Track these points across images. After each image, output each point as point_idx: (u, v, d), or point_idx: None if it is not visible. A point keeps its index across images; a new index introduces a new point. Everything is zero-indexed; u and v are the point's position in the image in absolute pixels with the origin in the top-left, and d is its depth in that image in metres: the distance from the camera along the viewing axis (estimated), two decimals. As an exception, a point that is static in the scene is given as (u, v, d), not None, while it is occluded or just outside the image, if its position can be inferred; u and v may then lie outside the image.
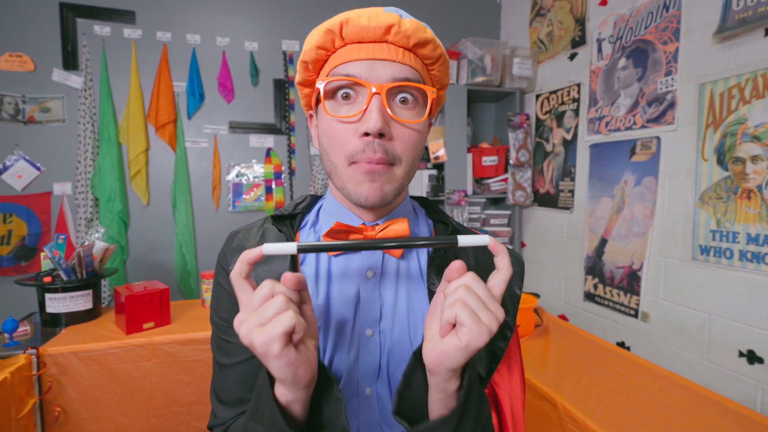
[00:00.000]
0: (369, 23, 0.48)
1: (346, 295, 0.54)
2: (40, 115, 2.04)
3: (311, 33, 0.52)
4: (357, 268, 0.55)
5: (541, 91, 2.26)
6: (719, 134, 1.41)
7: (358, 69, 0.48)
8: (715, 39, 1.41)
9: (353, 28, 0.49)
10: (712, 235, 1.43)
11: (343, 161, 0.50)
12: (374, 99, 0.47)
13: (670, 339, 1.57)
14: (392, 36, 0.49)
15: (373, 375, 0.53)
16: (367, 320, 0.54)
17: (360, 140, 0.48)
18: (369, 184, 0.49)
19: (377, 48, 0.49)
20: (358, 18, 0.48)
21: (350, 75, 0.48)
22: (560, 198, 2.13)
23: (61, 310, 1.48)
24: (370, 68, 0.48)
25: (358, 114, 0.48)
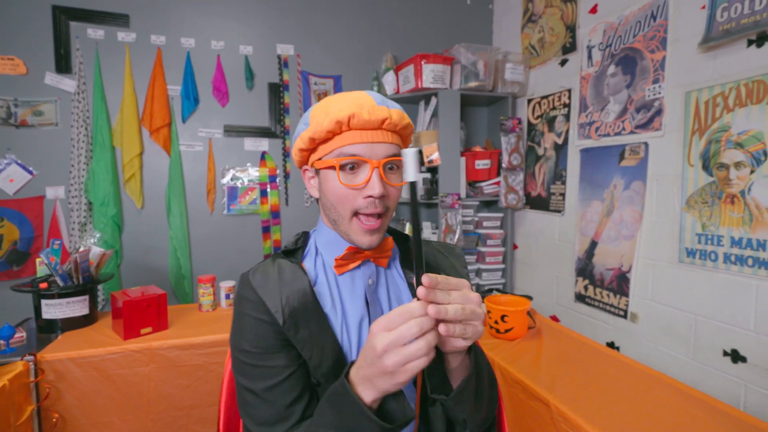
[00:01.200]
0: (370, 117, 0.64)
1: (358, 302, 0.70)
2: (33, 119, 2.03)
3: (318, 117, 0.66)
4: (360, 279, 0.72)
5: (532, 96, 2.31)
6: (704, 141, 1.45)
7: (361, 149, 0.65)
8: (700, 49, 1.46)
9: (358, 120, 0.64)
10: (697, 239, 1.48)
11: (348, 213, 0.67)
12: (375, 171, 0.65)
13: (658, 339, 1.62)
14: (385, 125, 0.66)
15: None
16: (377, 317, 0.64)
17: (364, 200, 0.66)
18: (369, 237, 0.68)
19: (375, 134, 0.66)
20: (360, 113, 0.64)
21: (356, 154, 0.65)
22: (551, 201, 2.17)
23: (57, 316, 1.48)
24: (370, 149, 0.66)
25: (363, 183, 0.66)
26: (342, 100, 0.66)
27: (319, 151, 0.69)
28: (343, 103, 0.65)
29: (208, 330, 1.53)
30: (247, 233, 2.36)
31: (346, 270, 0.71)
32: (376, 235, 0.69)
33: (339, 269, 0.71)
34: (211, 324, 1.60)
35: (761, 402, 1.28)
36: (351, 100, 0.65)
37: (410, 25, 2.55)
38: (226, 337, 1.49)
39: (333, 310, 0.69)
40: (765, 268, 1.29)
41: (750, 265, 1.32)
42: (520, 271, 2.43)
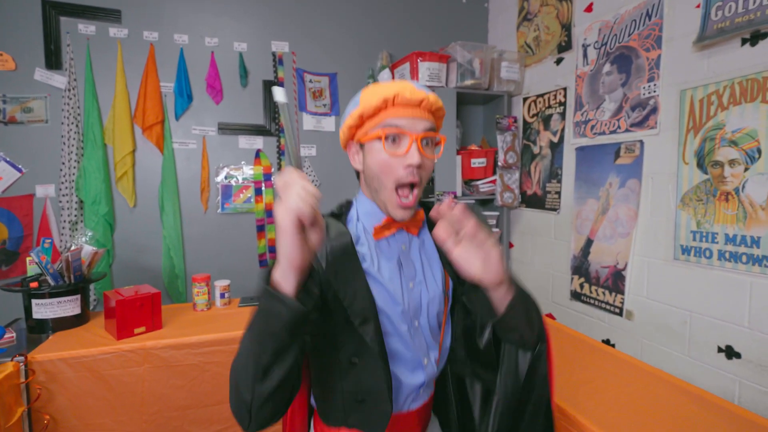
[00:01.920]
0: (411, 96, 0.75)
1: (392, 263, 0.81)
2: (22, 116, 1.99)
3: (368, 97, 0.76)
4: (395, 244, 0.82)
5: (528, 95, 2.31)
6: (699, 139, 1.47)
7: (403, 122, 0.75)
8: (695, 47, 1.47)
9: (401, 99, 0.75)
10: (692, 236, 1.49)
11: (392, 184, 0.77)
12: (414, 143, 0.74)
13: (653, 336, 1.63)
14: (423, 105, 0.76)
15: (416, 312, 0.81)
16: (408, 277, 0.81)
17: (405, 169, 0.75)
18: (403, 212, 0.78)
19: (415, 110, 0.76)
20: (404, 92, 0.74)
21: (399, 126, 0.75)
22: (547, 199, 2.18)
23: (48, 315, 1.45)
24: (411, 123, 0.75)
25: (405, 152, 0.75)
26: (388, 84, 0.77)
27: (365, 127, 0.78)
28: (389, 86, 0.76)
29: (203, 329, 1.51)
30: (242, 232, 2.34)
31: (382, 236, 0.81)
32: (409, 210, 0.78)
33: (376, 235, 0.81)
34: (206, 323, 1.58)
35: (755, 398, 1.30)
36: (396, 84, 0.76)
37: (406, 22, 2.55)
38: (222, 337, 1.47)
39: (371, 266, 0.79)
40: (759, 264, 1.30)
41: (744, 262, 1.34)
42: (516, 270, 2.44)
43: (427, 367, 0.82)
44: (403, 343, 0.79)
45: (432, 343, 0.83)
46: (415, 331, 0.81)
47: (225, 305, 1.79)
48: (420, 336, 0.81)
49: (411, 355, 0.80)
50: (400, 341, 0.79)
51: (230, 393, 0.68)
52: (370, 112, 0.76)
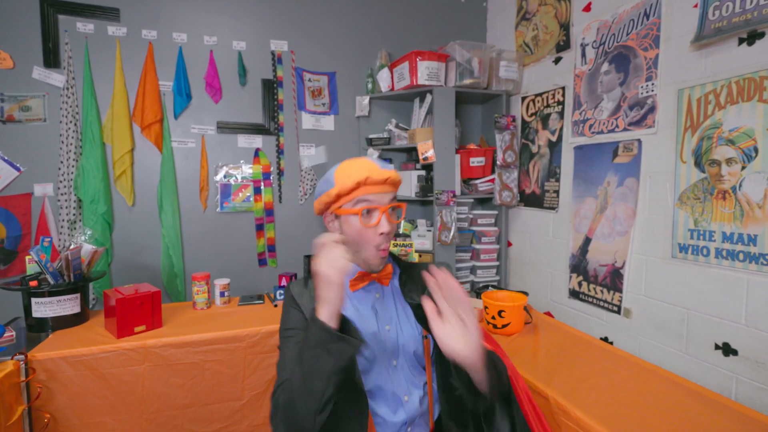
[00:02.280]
0: (379, 177, 0.90)
1: (368, 310, 0.96)
2: (20, 114, 1.98)
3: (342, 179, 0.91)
4: (371, 293, 0.98)
5: (526, 94, 2.32)
6: (696, 138, 1.48)
7: (374, 198, 0.91)
8: (692, 47, 1.48)
9: (371, 180, 0.90)
10: (690, 234, 1.50)
11: (373, 249, 0.92)
12: (383, 214, 0.91)
13: (651, 334, 1.64)
14: (389, 181, 0.92)
15: (394, 352, 0.93)
16: (384, 321, 0.95)
17: (379, 236, 0.91)
18: (381, 261, 0.95)
19: (383, 187, 0.92)
20: (372, 174, 0.90)
21: (371, 202, 0.91)
22: (545, 198, 2.19)
23: (47, 314, 1.45)
24: (379, 198, 0.92)
25: (376, 222, 0.91)
26: (358, 166, 0.92)
27: (340, 201, 0.92)
28: (359, 168, 0.91)
29: (203, 328, 1.51)
30: (241, 231, 2.34)
31: (357, 288, 0.96)
32: (385, 260, 0.95)
33: (353, 287, 0.95)
34: (206, 322, 1.58)
35: (752, 394, 1.31)
36: (364, 166, 0.92)
37: (405, 21, 2.55)
38: (222, 335, 1.47)
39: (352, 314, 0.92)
40: (756, 262, 1.31)
41: (741, 260, 1.35)
42: (515, 268, 2.45)
43: (408, 404, 0.91)
44: (381, 380, 0.90)
45: (414, 382, 0.93)
46: (393, 369, 0.92)
47: (225, 304, 1.79)
48: (399, 374, 0.92)
49: (391, 392, 0.90)
50: (379, 378, 0.90)
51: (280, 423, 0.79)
52: (346, 192, 0.91)
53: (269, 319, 1.60)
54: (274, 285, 1.96)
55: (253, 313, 1.69)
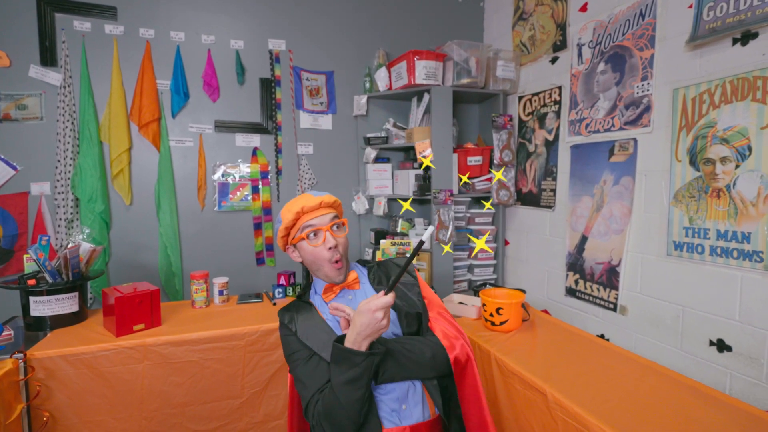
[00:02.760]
0: (312, 203, 1.07)
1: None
2: (16, 113, 1.97)
3: (286, 214, 1.08)
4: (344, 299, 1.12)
5: (523, 93, 2.34)
6: (691, 137, 1.49)
7: (315, 221, 1.07)
8: (687, 47, 1.50)
9: (306, 207, 1.07)
10: (685, 232, 1.52)
11: (327, 263, 1.08)
12: (327, 232, 1.07)
13: (646, 330, 1.66)
14: (322, 204, 1.09)
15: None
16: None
17: (328, 251, 1.07)
18: (338, 275, 1.10)
19: (319, 210, 1.09)
20: (306, 203, 1.07)
21: (313, 226, 1.07)
22: (542, 197, 2.21)
23: (46, 313, 1.45)
24: (320, 219, 1.08)
25: (323, 241, 1.07)
26: (295, 201, 1.09)
27: (291, 233, 1.10)
28: (295, 202, 1.09)
29: (202, 326, 1.51)
30: (239, 230, 2.34)
31: (330, 298, 1.11)
32: (342, 271, 1.10)
33: (325, 297, 1.11)
34: (205, 320, 1.59)
35: (746, 389, 1.33)
36: (299, 199, 1.09)
37: (402, 21, 2.56)
38: (221, 334, 1.48)
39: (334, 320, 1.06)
40: (749, 259, 1.33)
41: (735, 257, 1.37)
42: (512, 267, 2.46)
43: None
44: None
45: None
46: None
47: (223, 302, 1.79)
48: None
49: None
50: None
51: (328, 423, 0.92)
52: (290, 224, 1.08)
53: (268, 318, 1.60)
54: (273, 283, 1.97)
55: (251, 312, 1.69)
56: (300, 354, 1.01)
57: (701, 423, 1.02)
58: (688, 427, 1.00)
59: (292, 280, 1.91)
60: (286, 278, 1.90)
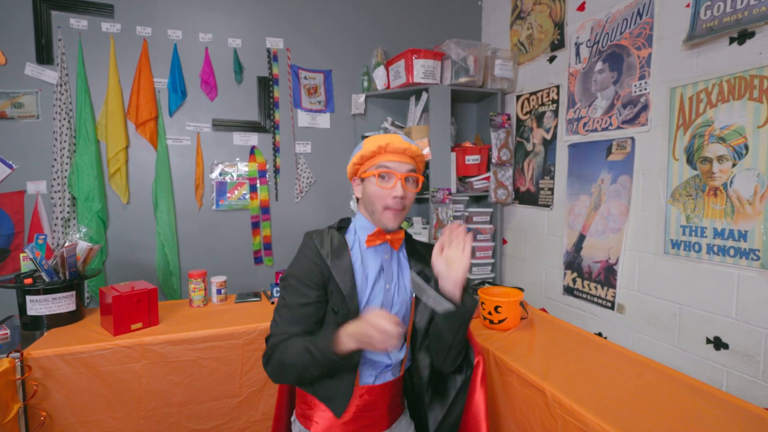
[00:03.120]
0: (399, 145, 1.02)
1: (375, 267, 1.07)
2: (12, 111, 1.96)
3: (368, 144, 1.03)
4: (380, 253, 1.10)
5: (521, 92, 2.34)
6: (689, 135, 1.50)
7: (392, 165, 1.03)
8: (684, 46, 1.50)
9: (391, 147, 1.02)
10: (682, 230, 1.52)
11: (381, 208, 1.04)
12: (399, 181, 1.02)
13: (643, 329, 1.67)
14: (407, 152, 1.04)
15: (389, 306, 1.08)
16: (387, 280, 1.08)
17: (392, 200, 1.02)
18: (394, 221, 1.05)
19: (401, 156, 1.04)
20: (393, 142, 1.02)
21: (389, 168, 1.02)
22: (540, 196, 2.21)
23: (43, 312, 1.44)
24: (397, 165, 1.03)
25: (392, 187, 1.02)
26: (383, 136, 1.04)
27: (365, 166, 1.05)
28: (383, 137, 1.03)
29: (200, 325, 1.51)
30: (237, 229, 2.33)
31: (372, 244, 1.06)
32: (398, 219, 1.04)
33: (368, 243, 1.06)
34: (203, 319, 1.58)
35: (742, 386, 1.34)
36: (389, 136, 1.03)
37: (400, 20, 2.56)
38: (219, 332, 1.47)
39: (360, 267, 1.06)
40: (746, 257, 1.34)
41: (732, 255, 1.37)
42: (510, 265, 2.47)
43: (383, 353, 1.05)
44: None
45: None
46: None
47: (221, 301, 1.78)
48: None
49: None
50: None
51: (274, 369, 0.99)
52: (369, 155, 1.03)
53: (266, 316, 1.60)
54: (271, 282, 1.96)
55: (250, 311, 1.69)
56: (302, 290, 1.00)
57: (699, 420, 1.03)
58: (685, 424, 1.01)
59: (290, 279, 1.90)
60: (284, 277, 1.89)
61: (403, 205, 1.03)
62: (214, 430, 1.48)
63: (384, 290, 1.06)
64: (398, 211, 1.02)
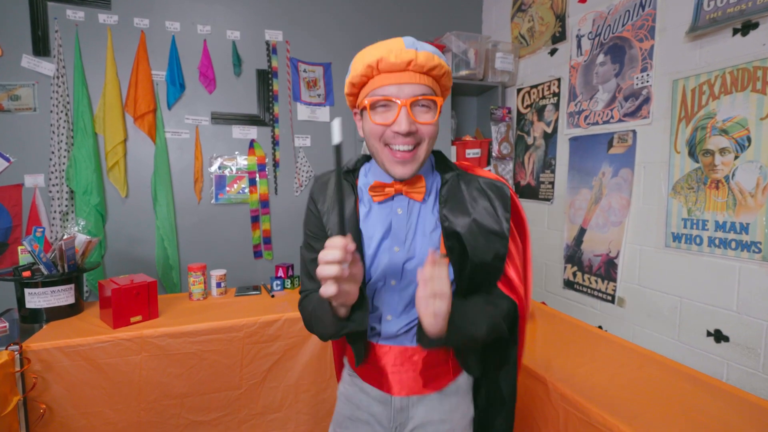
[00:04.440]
0: (396, 60, 0.71)
1: (384, 224, 0.82)
2: (9, 104, 1.94)
3: (355, 64, 0.75)
4: (390, 208, 0.82)
5: (522, 86, 2.33)
6: (691, 128, 1.49)
7: (390, 90, 0.72)
8: (687, 37, 1.49)
9: (385, 64, 0.71)
10: (683, 223, 1.52)
11: (380, 144, 0.76)
12: (402, 110, 0.72)
13: (644, 322, 1.67)
14: (411, 66, 0.72)
15: (396, 274, 0.81)
16: (396, 241, 0.81)
17: (394, 137, 0.74)
18: (402, 168, 0.76)
19: (402, 75, 0.72)
20: (388, 56, 0.71)
21: (386, 95, 0.73)
22: (541, 190, 2.20)
23: (41, 305, 1.43)
24: (398, 89, 0.72)
25: (392, 120, 0.73)
26: (376, 46, 0.73)
27: (360, 95, 0.78)
28: (375, 49, 0.72)
29: (200, 318, 1.50)
30: (236, 223, 2.32)
31: (380, 200, 0.82)
32: (408, 165, 0.76)
33: (375, 197, 0.81)
34: (203, 312, 1.58)
35: (742, 379, 1.34)
36: (382, 46, 0.72)
37: (400, 12, 2.54)
38: (219, 325, 1.47)
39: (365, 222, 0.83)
40: (747, 250, 1.34)
41: (733, 248, 1.37)
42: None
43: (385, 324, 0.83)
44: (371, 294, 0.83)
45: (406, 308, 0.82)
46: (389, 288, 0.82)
47: (221, 294, 1.78)
48: (393, 295, 0.82)
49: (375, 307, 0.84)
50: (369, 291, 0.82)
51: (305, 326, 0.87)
52: (358, 81, 0.75)
53: (267, 309, 1.60)
54: (271, 276, 1.95)
55: (250, 304, 1.68)
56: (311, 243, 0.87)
57: (701, 410, 1.03)
58: (687, 414, 1.01)
59: (290, 273, 1.90)
60: (284, 270, 1.89)
61: (413, 142, 0.74)
62: (214, 421, 1.48)
63: (390, 252, 0.80)
64: (408, 153, 0.74)
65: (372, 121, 0.74)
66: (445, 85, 0.79)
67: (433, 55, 0.73)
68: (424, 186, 0.80)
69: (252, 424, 1.53)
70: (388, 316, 0.83)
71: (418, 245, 0.80)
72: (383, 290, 0.82)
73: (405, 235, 0.81)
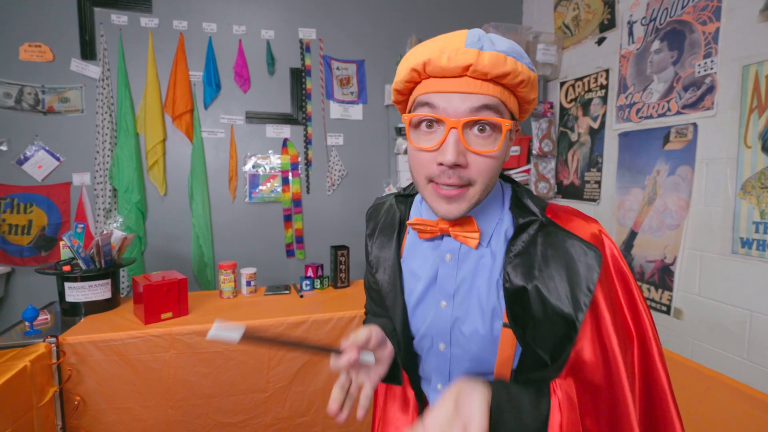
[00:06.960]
0: (448, 64, 0.51)
1: (431, 269, 0.65)
2: (59, 106, 2.04)
3: (401, 66, 0.57)
4: (437, 251, 0.65)
5: (565, 79, 2.18)
6: (764, 120, 1.32)
7: (438, 100, 0.53)
8: (761, 17, 1.32)
9: (434, 68, 0.53)
10: (755, 227, 1.34)
11: (423, 180, 0.57)
12: (451, 133, 0.52)
13: (705, 337, 1.50)
14: (470, 72, 0.52)
15: (444, 336, 0.64)
16: (443, 294, 0.64)
17: (437, 167, 0.54)
18: (446, 206, 0.56)
19: (456, 83, 0.52)
20: (439, 58, 0.52)
21: (431, 105, 0.54)
22: (586, 189, 2.05)
23: (80, 299, 1.47)
24: (448, 101, 0.53)
25: (437, 145, 0.54)
26: (429, 43, 0.54)
27: (408, 104, 0.61)
28: (427, 46, 0.53)
29: (229, 316, 1.49)
30: (269, 221, 2.33)
31: (425, 237, 0.65)
32: (455, 204, 0.56)
33: (420, 233, 0.64)
34: (232, 311, 1.57)
35: (829, 407, 1.16)
36: (436, 43, 0.53)
37: (435, 5, 2.46)
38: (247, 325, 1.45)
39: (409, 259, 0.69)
40: (836, 259, 1.15)
41: (817, 256, 1.19)
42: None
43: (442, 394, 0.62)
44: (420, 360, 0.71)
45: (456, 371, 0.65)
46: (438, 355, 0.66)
47: (251, 293, 1.77)
48: (443, 361, 0.66)
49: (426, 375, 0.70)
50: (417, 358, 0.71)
51: None
52: (401, 87, 0.58)
53: (295, 310, 1.57)
54: (301, 276, 1.93)
55: (278, 304, 1.66)
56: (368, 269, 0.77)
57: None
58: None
59: (320, 272, 1.87)
60: (314, 270, 1.86)
61: (464, 180, 0.54)
62: (240, 424, 1.46)
63: (437, 308, 0.64)
64: (454, 191, 0.55)
65: (411, 144, 0.56)
66: (524, 97, 0.56)
67: (504, 58, 0.51)
68: (477, 230, 0.60)
69: (278, 428, 1.50)
70: (438, 385, 0.69)
71: (470, 305, 0.62)
72: (431, 354, 0.68)
73: (454, 289, 0.63)
